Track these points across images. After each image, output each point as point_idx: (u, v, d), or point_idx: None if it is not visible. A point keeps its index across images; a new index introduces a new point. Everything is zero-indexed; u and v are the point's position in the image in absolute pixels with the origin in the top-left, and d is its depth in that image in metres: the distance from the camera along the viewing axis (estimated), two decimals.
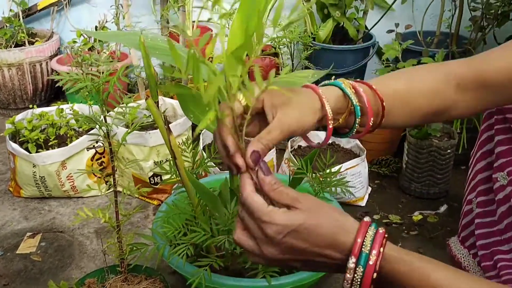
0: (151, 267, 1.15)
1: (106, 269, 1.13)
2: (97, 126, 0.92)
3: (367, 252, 0.57)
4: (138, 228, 1.51)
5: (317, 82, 0.76)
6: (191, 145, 1.19)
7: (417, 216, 1.55)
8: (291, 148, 1.70)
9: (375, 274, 0.57)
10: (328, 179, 1.10)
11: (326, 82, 0.72)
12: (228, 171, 1.17)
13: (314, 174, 1.10)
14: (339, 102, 0.67)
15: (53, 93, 2.32)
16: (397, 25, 1.84)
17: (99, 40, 2.10)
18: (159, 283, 1.12)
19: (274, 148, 1.68)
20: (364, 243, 0.57)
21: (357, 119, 0.68)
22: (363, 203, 1.61)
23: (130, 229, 1.51)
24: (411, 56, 1.74)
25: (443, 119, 0.78)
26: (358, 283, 0.57)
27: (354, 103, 0.67)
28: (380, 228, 0.59)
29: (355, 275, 0.57)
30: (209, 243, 1.06)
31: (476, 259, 1.08)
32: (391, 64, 1.80)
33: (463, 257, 1.14)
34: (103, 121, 0.97)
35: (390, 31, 1.89)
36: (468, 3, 1.77)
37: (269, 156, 1.60)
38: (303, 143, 1.75)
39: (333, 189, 1.09)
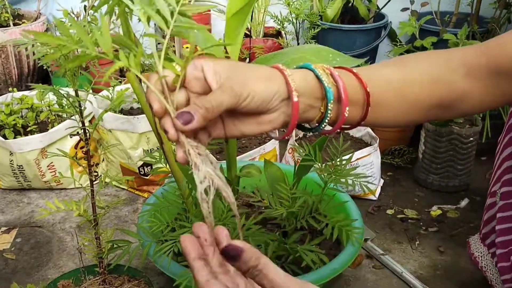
0: (135, 268, 1.00)
1: (83, 270, 0.98)
2: (66, 100, 0.77)
3: None
4: (125, 223, 1.36)
5: None
6: None
7: (435, 211, 1.39)
8: (296, 136, 1.54)
9: None
10: (340, 169, 0.94)
11: (294, 66, 0.60)
12: (225, 161, 1.03)
13: (323, 164, 0.95)
14: (309, 83, 0.55)
15: (40, 78, 2.17)
16: (412, 2, 1.69)
17: (88, 22, 1.95)
18: (144, 285, 0.97)
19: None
20: None
21: (329, 105, 0.56)
22: (375, 196, 1.45)
23: (117, 224, 1.36)
24: (427, 37, 1.58)
25: (452, 114, 0.66)
26: None
27: (325, 85, 0.55)
28: None
29: None
30: None
31: (495, 259, 0.95)
32: (404, 45, 1.65)
33: (481, 256, 1.02)
34: (75, 95, 0.81)
35: (404, 9, 1.73)
36: None
37: (271, 146, 1.45)
38: None
39: (347, 180, 0.94)
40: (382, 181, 1.52)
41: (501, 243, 0.90)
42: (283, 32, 1.77)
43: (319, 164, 0.94)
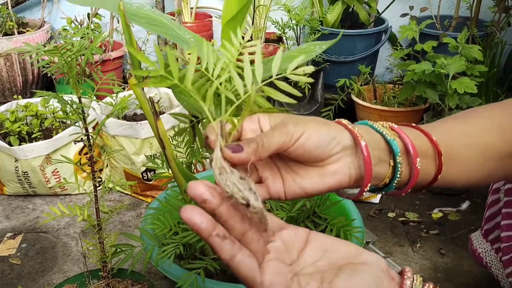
0: (138, 272, 1.01)
1: (87, 274, 0.99)
2: (68, 107, 0.79)
3: None
4: (129, 228, 1.38)
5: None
6: (184, 133, 1.06)
7: (436, 213, 1.40)
8: None
9: None
10: None
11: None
12: None
13: None
14: (372, 134, 0.51)
15: (44, 85, 2.19)
16: (411, 7, 1.70)
17: (92, 29, 1.98)
18: None
19: None
20: None
21: (397, 158, 0.50)
22: (376, 199, 1.46)
23: (121, 229, 1.37)
24: (427, 41, 1.59)
25: None
26: None
27: (387, 137, 0.51)
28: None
29: None
30: (204, 243, 0.92)
31: (499, 254, 0.96)
32: (405, 49, 1.66)
33: (485, 252, 1.03)
34: (78, 101, 0.83)
35: (404, 15, 1.75)
36: None
37: None
38: None
39: None
40: None
41: (506, 237, 0.90)
42: (284, 38, 1.78)
43: None
